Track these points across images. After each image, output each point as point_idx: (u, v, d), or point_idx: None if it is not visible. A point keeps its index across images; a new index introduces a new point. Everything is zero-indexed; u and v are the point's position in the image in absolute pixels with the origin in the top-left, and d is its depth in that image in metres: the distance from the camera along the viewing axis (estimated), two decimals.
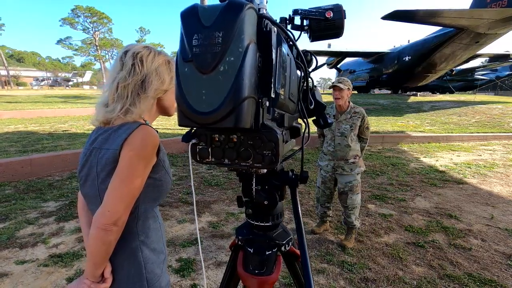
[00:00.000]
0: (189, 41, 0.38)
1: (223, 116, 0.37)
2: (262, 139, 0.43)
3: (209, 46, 0.37)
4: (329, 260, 2.57)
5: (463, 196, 4.21)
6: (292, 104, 0.57)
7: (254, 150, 0.44)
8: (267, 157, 0.44)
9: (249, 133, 0.44)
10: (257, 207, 0.64)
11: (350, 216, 2.81)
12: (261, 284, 0.64)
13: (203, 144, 0.47)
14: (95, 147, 0.89)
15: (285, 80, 0.49)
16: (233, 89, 0.36)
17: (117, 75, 0.88)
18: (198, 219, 3.36)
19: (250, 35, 0.37)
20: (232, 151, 0.45)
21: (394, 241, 2.91)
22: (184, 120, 0.40)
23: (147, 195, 0.90)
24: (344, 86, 2.65)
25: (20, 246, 2.72)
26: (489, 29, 16.97)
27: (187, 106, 0.39)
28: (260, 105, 0.41)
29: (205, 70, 0.37)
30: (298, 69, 0.76)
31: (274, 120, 0.48)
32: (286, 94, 0.51)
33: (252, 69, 0.37)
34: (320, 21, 0.69)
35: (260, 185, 0.63)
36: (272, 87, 0.41)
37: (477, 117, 12.22)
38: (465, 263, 2.56)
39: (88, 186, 0.90)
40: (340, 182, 2.83)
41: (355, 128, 2.77)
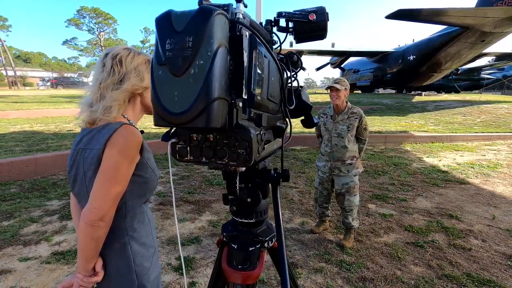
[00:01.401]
0: (162, 45, 0.40)
1: (194, 117, 0.39)
2: (237, 138, 0.45)
3: (181, 50, 0.39)
4: (327, 259, 2.58)
5: (465, 196, 4.18)
6: (273, 105, 0.59)
7: (230, 149, 0.46)
8: (241, 156, 0.46)
9: (224, 133, 0.46)
10: (241, 205, 0.66)
11: (348, 217, 2.82)
12: (244, 279, 0.66)
13: (182, 143, 0.49)
14: (81, 147, 0.92)
15: (262, 82, 0.51)
16: (203, 90, 0.38)
17: (99, 76, 0.92)
18: (199, 218, 3.39)
19: (219, 40, 0.39)
20: (209, 150, 0.47)
21: (393, 241, 2.91)
22: (158, 120, 0.42)
23: (133, 192, 0.93)
24: (340, 86, 2.66)
25: (23, 244, 2.78)
26: (495, 28, 16.77)
27: (161, 107, 0.41)
28: (234, 106, 0.43)
29: (177, 73, 0.39)
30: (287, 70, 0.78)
31: (251, 120, 0.50)
32: (264, 95, 0.52)
33: (222, 71, 0.39)
34: (303, 23, 0.71)
35: (244, 183, 0.65)
36: (244, 88, 0.43)
37: (482, 116, 12.09)
38: (464, 263, 2.55)
39: (77, 185, 0.94)
40: (337, 183, 2.84)
41: (352, 129, 2.77)
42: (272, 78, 0.57)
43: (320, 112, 2.99)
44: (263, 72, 0.51)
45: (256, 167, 0.64)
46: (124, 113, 0.95)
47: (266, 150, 0.66)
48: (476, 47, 19.44)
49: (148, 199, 1.03)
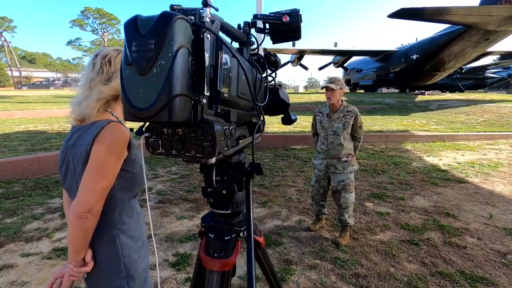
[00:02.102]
0: (129, 47, 0.45)
1: (157, 111, 0.43)
2: (202, 132, 0.49)
3: (145, 52, 0.43)
4: (322, 256, 2.62)
5: (463, 195, 4.19)
6: (245, 102, 0.63)
7: (196, 142, 0.50)
8: (206, 148, 0.50)
9: (191, 127, 0.50)
10: (217, 197, 0.70)
11: (344, 214, 2.85)
12: (221, 266, 0.70)
13: (154, 137, 0.53)
14: (71, 144, 0.97)
15: (230, 80, 0.55)
16: (165, 88, 0.42)
17: (89, 75, 0.96)
18: (197, 216, 3.44)
19: (180, 42, 0.43)
20: (178, 143, 0.51)
21: (388, 239, 2.93)
22: (127, 115, 0.47)
23: (121, 186, 0.97)
24: (335, 86, 2.69)
25: (25, 240, 2.85)
26: (499, 26, 16.62)
27: (128, 103, 0.45)
28: (198, 102, 0.47)
29: (142, 72, 0.43)
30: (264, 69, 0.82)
31: (219, 115, 0.54)
32: (233, 93, 0.56)
33: (182, 71, 0.43)
34: (277, 25, 0.75)
35: (220, 176, 0.69)
36: (206, 86, 0.47)
37: (486, 116, 12.02)
38: (458, 260, 2.57)
39: (68, 180, 0.98)
40: (333, 180, 2.87)
41: (348, 127, 2.80)
42: (242, 77, 0.61)
43: (316, 111, 3.03)
44: (231, 72, 0.55)
45: (230, 161, 0.68)
46: (113, 111, 1.00)
47: (241, 144, 0.70)
48: (480, 46, 19.28)
49: (136, 193, 1.08)
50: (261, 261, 0.84)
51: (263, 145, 7.30)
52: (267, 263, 0.86)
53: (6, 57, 49.50)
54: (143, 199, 3.86)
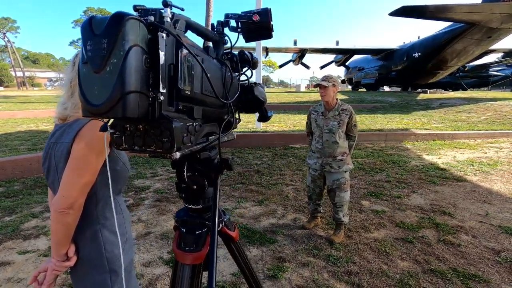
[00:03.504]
0: (85, 46, 0.47)
1: (110, 108, 0.45)
2: (161, 128, 0.51)
3: (98, 51, 0.45)
4: (315, 254, 2.63)
5: (460, 193, 4.18)
6: (212, 99, 0.64)
7: (156, 138, 0.52)
8: (165, 144, 0.52)
9: (151, 123, 0.52)
10: (188, 192, 0.72)
11: (338, 213, 2.86)
12: (193, 259, 0.72)
13: (118, 134, 0.55)
14: (53, 141, 0.99)
15: (192, 78, 0.56)
16: (117, 85, 0.44)
17: (70, 75, 0.99)
18: None
19: (132, 40, 0.45)
20: (139, 139, 0.53)
21: (383, 237, 2.94)
22: (84, 112, 0.49)
23: (104, 182, 0.99)
24: (327, 83, 2.70)
25: (23, 238, 2.89)
26: (502, 24, 16.50)
27: (85, 100, 0.47)
28: (156, 99, 0.49)
29: (97, 70, 0.45)
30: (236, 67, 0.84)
31: (181, 112, 0.56)
32: (196, 90, 0.58)
33: (135, 68, 0.45)
34: (248, 24, 0.76)
35: (191, 172, 0.71)
36: (162, 83, 0.49)
37: (487, 114, 11.94)
38: (451, 258, 2.57)
39: (50, 176, 1.01)
40: (328, 179, 2.88)
41: (343, 125, 2.81)
42: (208, 75, 0.62)
43: (311, 110, 3.04)
44: (194, 70, 0.57)
45: (198, 156, 0.70)
46: None
47: (212, 140, 0.72)
48: (483, 44, 19.14)
49: (121, 190, 1.10)
50: (235, 256, 0.85)
51: (262, 144, 7.32)
52: (243, 259, 0.88)
53: (10, 57, 49.85)
54: (141, 197, 3.89)
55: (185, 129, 0.56)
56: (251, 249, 2.71)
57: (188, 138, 0.57)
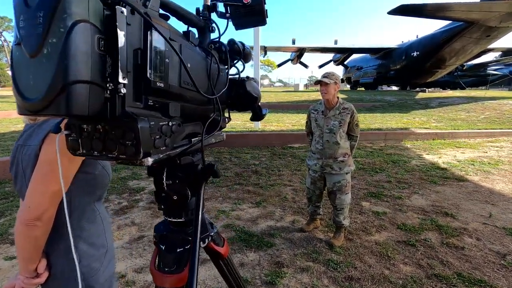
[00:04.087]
0: (17, 23, 0.36)
1: (50, 102, 0.35)
2: (123, 129, 0.41)
3: (33, 28, 0.34)
4: (315, 258, 2.53)
5: (462, 193, 4.09)
6: (193, 94, 0.54)
7: (118, 141, 0.42)
8: (129, 148, 0.41)
9: (111, 123, 0.41)
10: (168, 202, 0.62)
11: (339, 215, 2.76)
12: (172, 282, 0.61)
13: (74, 136, 0.45)
14: (20, 144, 0.89)
15: (166, 68, 0.46)
16: (57, 72, 0.34)
17: None
18: None
19: (77, 14, 0.34)
20: (98, 142, 0.43)
21: (384, 240, 2.84)
22: (18, 108, 0.38)
23: (80, 189, 0.89)
24: (329, 80, 2.59)
25: (11, 242, 2.77)
26: (500, 23, 16.47)
27: (18, 93, 0.37)
28: (117, 92, 0.39)
29: (32, 54, 0.35)
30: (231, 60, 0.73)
31: (152, 109, 0.46)
32: (172, 82, 0.48)
33: (82, 51, 0.35)
34: (238, 7, 0.66)
35: (171, 180, 0.60)
36: (121, 72, 0.39)
37: (487, 113, 11.88)
38: (456, 262, 2.48)
39: (18, 183, 0.90)
40: (329, 181, 2.77)
41: (344, 125, 2.70)
42: (188, 65, 0.52)
43: (311, 109, 2.93)
44: (169, 58, 0.47)
45: (178, 162, 0.59)
46: None
47: (195, 143, 0.62)
48: (481, 43, 19.12)
49: (100, 196, 1.00)
50: (225, 275, 0.75)
51: (260, 144, 7.22)
52: (233, 277, 0.77)
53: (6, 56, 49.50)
54: (135, 199, 3.78)
55: (157, 129, 0.46)
56: (248, 253, 2.61)
57: (161, 141, 0.47)
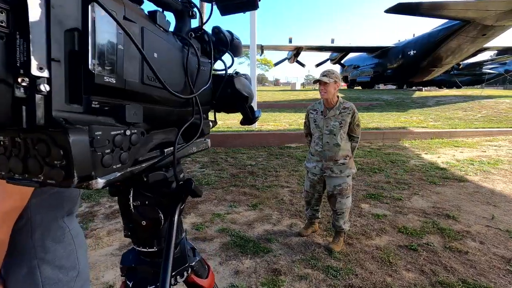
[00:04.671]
0: None
1: None
2: (48, 143, 0.29)
3: None
4: (313, 265, 2.42)
5: (463, 194, 4.01)
6: (164, 92, 0.42)
7: (43, 160, 0.30)
8: (55, 171, 0.29)
9: (31, 134, 0.29)
10: (136, 229, 0.50)
11: (339, 220, 2.65)
12: None
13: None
14: None
15: (118, 57, 0.34)
16: None
17: None
18: (183, 220, 3.22)
19: None
20: (18, 161, 0.31)
21: (385, 244, 2.74)
22: None
23: (42, 204, 0.76)
24: (329, 79, 2.46)
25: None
26: (496, 21, 16.51)
27: None
28: (36, 90, 0.27)
29: None
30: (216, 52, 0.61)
31: (99, 112, 0.33)
32: (129, 77, 0.36)
33: None
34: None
35: (139, 200, 0.48)
36: (34, 60, 0.26)
37: (484, 112, 11.86)
38: (460, 268, 2.38)
39: None
40: (329, 184, 2.65)
41: (345, 125, 2.58)
42: (154, 55, 0.40)
43: (309, 108, 2.81)
44: (123, 44, 0.35)
45: (145, 180, 0.47)
46: None
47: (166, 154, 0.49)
48: (478, 41, 19.17)
49: (70, 211, 0.87)
50: None
51: (257, 144, 7.09)
52: None
53: None
54: None
55: (106, 141, 0.33)
56: (244, 260, 2.49)
57: (114, 156, 0.34)
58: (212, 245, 2.72)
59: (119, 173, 0.37)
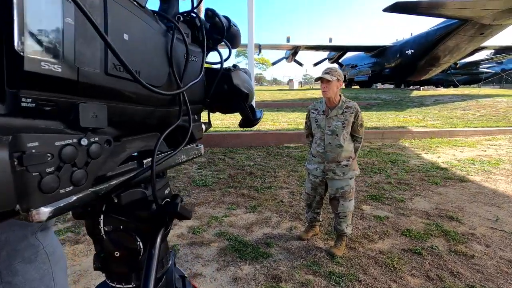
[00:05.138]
0: None
1: None
2: None
3: None
4: (315, 270, 2.32)
5: (465, 195, 3.93)
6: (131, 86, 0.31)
7: None
8: None
9: None
10: (108, 260, 0.40)
11: (341, 224, 2.55)
12: None
13: None
14: None
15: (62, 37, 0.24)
16: None
17: None
18: (179, 224, 3.12)
19: None
20: None
21: (388, 248, 2.65)
22: None
23: (7, 221, 0.65)
24: (331, 77, 2.36)
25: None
26: (494, 20, 16.52)
27: None
28: None
29: None
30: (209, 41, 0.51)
31: (35, 115, 0.23)
32: (86, 66, 0.26)
33: None
34: None
35: (112, 225, 0.38)
36: None
37: (482, 111, 11.84)
38: (467, 273, 2.30)
39: None
40: (331, 187, 2.55)
41: (348, 126, 2.48)
42: (124, 36, 0.30)
43: (310, 108, 2.70)
44: (77, 20, 0.24)
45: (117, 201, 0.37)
46: None
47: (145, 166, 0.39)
48: (475, 40, 19.18)
49: (45, 225, 0.76)
50: None
51: (255, 144, 6.99)
52: None
53: None
54: None
55: (46, 156, 0.23)
56: (243, 266, 2.39)
57: (62, 176, 0.25)
58: (209, 250, 2.62)
59: (75, 197, 0.27)
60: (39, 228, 0.75)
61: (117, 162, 0.33)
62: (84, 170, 0.27)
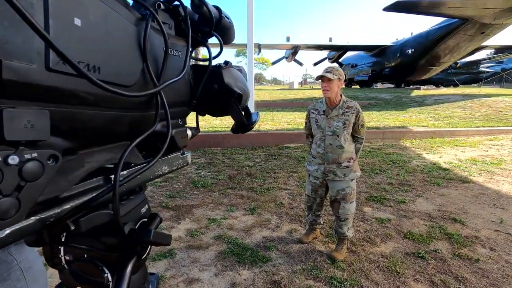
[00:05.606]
0: None
1: None
2: None
3: None
4: (316, 275, 2.26)
5: (468, 196, 3.87)
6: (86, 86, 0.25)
7: None
8: None
9: None
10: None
11: (342, 226, 2.49)
12: None
13: None
14: None
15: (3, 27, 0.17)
16: None
17: None
18: (177, 227, 3.06)
19: None
20: None
21: (391, 251, 2.59)
22: None
23: None
24: (333, 76, 2.29)
25: None
26: (495, 19, 16.44)
27: None
28: None
29: None
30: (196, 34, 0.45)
31: None
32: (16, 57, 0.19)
33: None
34: None
35: (73, 254, 0.31)
36: None
37: (483, 110, 11.78)
38: (472, 278, 2.23)
39: None
40: (332, 189, 2.49)
41: (349, 126, 2.41)
42: (75, 21, 0.23)
43: (310, 108, 2.64)
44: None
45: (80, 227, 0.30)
46: None
47: None
48: (476, 40, 19.10)
49: None
50: None
51: (255, 144, 6.92)
52: None
53: None
54: None
55: None
56: (241, 271, 2.32)
57: None
58: (207, 254, 2.56)
59: (8, 230, 0.21)
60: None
61: (72, 181, 0.27)
62: (13, 197, 0.20)
